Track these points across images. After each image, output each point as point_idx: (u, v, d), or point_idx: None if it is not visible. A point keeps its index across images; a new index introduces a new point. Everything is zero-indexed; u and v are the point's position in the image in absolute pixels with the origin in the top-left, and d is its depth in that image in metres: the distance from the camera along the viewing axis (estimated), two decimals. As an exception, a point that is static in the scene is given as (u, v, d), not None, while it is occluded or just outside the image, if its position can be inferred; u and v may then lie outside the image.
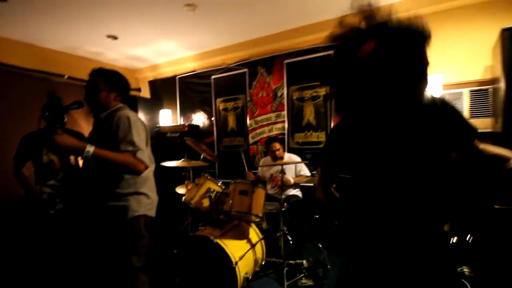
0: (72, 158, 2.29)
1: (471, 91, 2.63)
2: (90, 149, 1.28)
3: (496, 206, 2.02)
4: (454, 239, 2.25)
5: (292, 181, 2.84)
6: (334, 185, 1.16)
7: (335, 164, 1.08)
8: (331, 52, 3.21)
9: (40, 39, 3.39)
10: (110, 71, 1.56)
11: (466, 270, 2.39)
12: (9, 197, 2.94)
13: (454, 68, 2.67)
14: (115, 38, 3.43)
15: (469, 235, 2.11)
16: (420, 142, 0.88)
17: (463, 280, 2.23)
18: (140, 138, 1.44)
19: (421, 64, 0.80)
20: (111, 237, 1.45)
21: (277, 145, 2.90)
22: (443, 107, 0.90)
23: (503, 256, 1.93)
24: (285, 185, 2.76)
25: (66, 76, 3.69)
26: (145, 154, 1.44)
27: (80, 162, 2.02)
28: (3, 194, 2.95)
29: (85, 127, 3.52)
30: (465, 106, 2.65)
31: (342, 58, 0.90)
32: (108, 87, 1.51)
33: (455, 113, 0.92)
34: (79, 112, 3.16)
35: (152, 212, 1.57)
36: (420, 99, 0.88)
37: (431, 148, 0.88)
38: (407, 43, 0.78)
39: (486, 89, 2.57)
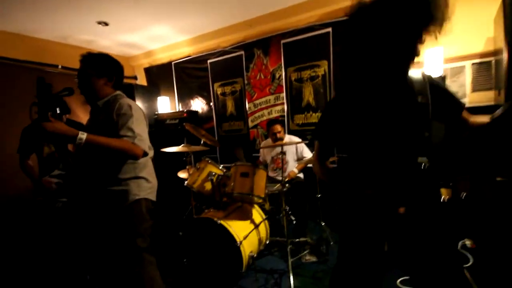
0: (70, 146, 2.30)
1: (473, 64, 2.58)
2: (83, 136, 1.26)
3: (499, 179, 2.03)
4: (446, 198, 2.28)
5: (296, 171, 2.85)
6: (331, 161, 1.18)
7: (330, 136, 1.10)
8: (328, 29, 3.13)
9: (31, 29, 3.30)
10: (99, 54, 1.52)
11: (468, 242, 2.45)
12: (14, 188, 2.97)
13: (455, 41, 2.60)
14: (106, 24, 3.34)
15: (463, 193, 2.14)
16: (409, 111, 0.92)
17: (465, 252, 2.29)
18: (140, 127, 1.45)
19: (410, 40, 0.82)
20: (115, 220, 1.47)
21: (278, 127, 2.89)
22: (431, 82, 0.96)
23: (505, 228, 1.96)
24: (291, 177, 2.79)
25: (59, 66, 3.63)
26: (144, 142, 1.44)
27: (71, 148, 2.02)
28: (5, 186, 2.98)
29: (83, 116, 3.50)
30: (467, 80, 2.61)
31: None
32: (97, 72, 1.47)
33: (443, 88, 0.98)
34: (75, 102, 3.15)
35: (152, 196, 1.59)
36: (406, 72, 0.93)
37: (419, 117, 0.92)
38: (401, 14, 0.78)
39: (489, 62, 2.52)
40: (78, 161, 1.55)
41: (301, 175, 3.01)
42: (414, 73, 0.96)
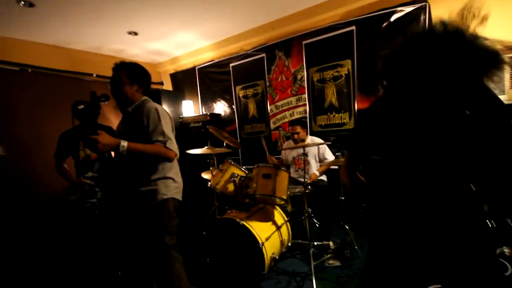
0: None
1: (512, 57, 2.38)
2: (125, 144, 1.39)
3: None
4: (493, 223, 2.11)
5: (318, 174, 2.81)
6: (360, 168, 1.14)
7: (363, 147, 1.06)
8: (352, 27, 3.06)
9: (67, 41, 3.59)
10: (131, 63, 1.64)
11: (506, 250, 2.26)
12: (51, 189, 3.23)
13: (494, 32, 2.42)
14: (135, 34, 3.54)
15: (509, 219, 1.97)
16: (452, 128, 0.83)
17: (502, 260, 2.11)
18: (168, 128, 1.56)
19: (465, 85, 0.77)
20: (144, 219, 1.55)
21: (298, 128, 2.86)
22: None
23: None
24: (313, 180, 2.75)
25: (94, 75, 3.90)
26: (174, 144, 1.55)
27: (113, 153, 2.16)
28: (45, 186, 3.26)
29: (114, 120, 3.73)
30: (506, 75, 2.41)
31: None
32: (130, 79, 1.58)
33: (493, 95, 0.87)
34: (107, 107, 3.36)
35: (179, 196, 1.66)
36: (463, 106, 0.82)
37: (464, 133, 0.83)
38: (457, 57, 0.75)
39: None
40: (115, 163, 1.66)
41: (324, 178, 2.96)
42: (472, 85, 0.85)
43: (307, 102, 3.53)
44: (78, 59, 3.87)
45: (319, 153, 2.95)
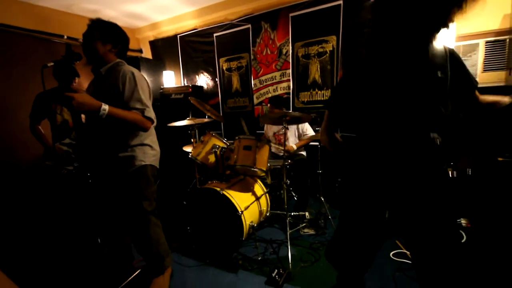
0: (83, 116, 2.36)
1: (487, 42, 2.49)
2: (106, 107, 1.33)
3: (500, 159, 2.03)
4: (454, 173, 2.29)
5: (294, 147, 2.87)
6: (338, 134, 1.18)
7: (342, 107, 1.09)
8: (339, 2, 3.01)
9: (35, -4, 3.26)
10: (108, 21, 1.53)
11: (463, 221, 2.50)
12: (25, 154, 3.09)
13: (469, 18, 2.49)
14: (111, -8, 3.26)
15: (469, 169, 2.14)
16: (427, 86, 0.90)
17: (460, 230, 2.35)
18: (146, 95, 1.50)
19: (435, 18, 0.82)
20: (122, 185, 1.54)
21: (275, 110, 2.89)
22: (452, 56, 0.93)
23: (501, 208, 1.99)
24: (289, 150, 2.81)
25: (65, 36, 3.60)
26: (152, 112, 1.50)
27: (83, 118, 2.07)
28: (19, 151, 3.11)
29: (84, 82, 3.54)
30: (479, 59, 2.53)
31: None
32: (103, 37, 1.48)
33: (462, 63, 0.95)
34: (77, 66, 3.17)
35: (156, 163, 1.66)
36: (430, 43, 0.90)
37: (434, 91, 0.90)
38: None
39: (503, 40, 2.43)
40: (89, 130, 1.60)
41: (303, 153, 3.05)
42: (436, 45, 0.93)
43: (291, 78, 3.52)
44: (47, 18, 3.53)
45: (298, 129, 3.00)
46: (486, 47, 2.49)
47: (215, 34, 3.99)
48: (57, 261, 2.20)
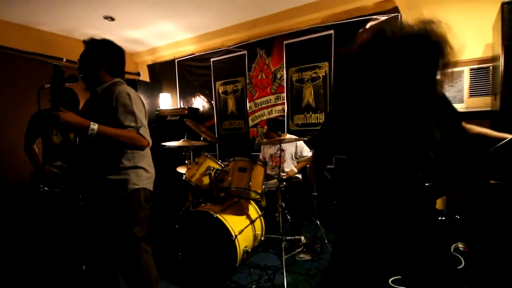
0: (71, 135, 2.34)
1: (472, 69, 2.61)
2: (95, 127, 1.27)
3: (492, 181, 2.05)
4: (443, 217, 2.30)
5: (296, 170, 2.87)
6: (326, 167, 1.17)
7: (329, 146, 1.09)
8: (331, 31, 3.18)
9: (37, 21, 3.36)
10: (102, 40, 1.54)
11: (461, 245, 2.47)
12: (17, 173, 3.03)
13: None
14: (112, 19, 3.39)
15: (456, 215, 2.16)
16: (411, 126, 0.89)
17: (457, 255, 2.31)
18: (141, 114, 1.46)
19: (419, 73, 0.78)
20: (113, 209, 1.49)
21: (273, 135, 2.91)
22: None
23: (497, 231, 1.98)
24: (290, 176, 2.82)
25: (64, 59, 3.67)
26: (147, 131, 1.46)
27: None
28: (11, 169, 3.05)
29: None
30: (465, 85, 2.64)
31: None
32: (101, 56, 1.49)
33: (446, 99, 0.99)
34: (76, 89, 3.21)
35: (150, 186, 1.60)
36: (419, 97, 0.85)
37: (421, 132, 0.91)
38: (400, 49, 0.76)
39: (487, 67, 2.55)
40: (81, 151, 1.57)
41: (299, 176, 3.04)
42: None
43: (285, 101, 3.60)
44: (48, 42, 3.63)
45: (296, 152, 3.02)
46: (470, 74, 2.61)
47: (212, 59, 4.12)
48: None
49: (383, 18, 2.88)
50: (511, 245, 1.79)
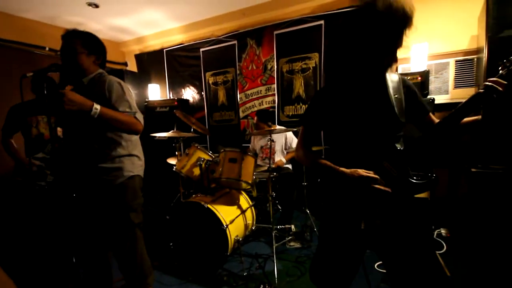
0: (59, 130, 2.28)
1: (457, 61, 2.67)
2: (98, 107, 1.29)
3: (473, 170, 2.13)
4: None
5: (284, 161, 2.90)
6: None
7: (316, 122, 1.15)
8: (321, 22, 3.17)
9: (16, 8, 3.20)
10: (84, 32, 1.50)
11: (443, 231, 2.58)
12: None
13: (440, 38, 2.69)
14: (96, 6, 3.27)
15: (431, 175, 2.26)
16: (387, 104, 1.03)
17: (440, 240, 2.41)
18: (133, 102, 1.50)
19: (389, 43, 0.92)
20: (108, 197, 1.48)
21: (263, 126, 2.94)
22: (405, 83, 1.08)
23: (478, 217, 2.07)
24: (279, 166, 2.84)
25: (47, 48, 3.54)
26: (142, 116, 1.50)
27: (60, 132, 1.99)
28: None
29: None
30: (450, 76, 2.71)
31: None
32: (86, 49, 1.46)
33: (414, 90, 1.10)
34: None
35: (142, 173, 1.62)
36: (384, 72, 1.04)
37: (396, 108, 1.03)
38: (376, 22, 0.89)
39: (471, 59, 2.62)
40: (70, 141, 1.54)
41: (289, 166, 3.07)
42: (393, 75, 1.09)
43: (276, 92, 3.59)
44: (30, 30, 3.47)
45: (286, 143, 3.05)
46: (456, 66, 2.67)
47: (201, 49, 4.05)
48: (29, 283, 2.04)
49: (372, 9, 2.88)
50: (491, 230, 1.88)
